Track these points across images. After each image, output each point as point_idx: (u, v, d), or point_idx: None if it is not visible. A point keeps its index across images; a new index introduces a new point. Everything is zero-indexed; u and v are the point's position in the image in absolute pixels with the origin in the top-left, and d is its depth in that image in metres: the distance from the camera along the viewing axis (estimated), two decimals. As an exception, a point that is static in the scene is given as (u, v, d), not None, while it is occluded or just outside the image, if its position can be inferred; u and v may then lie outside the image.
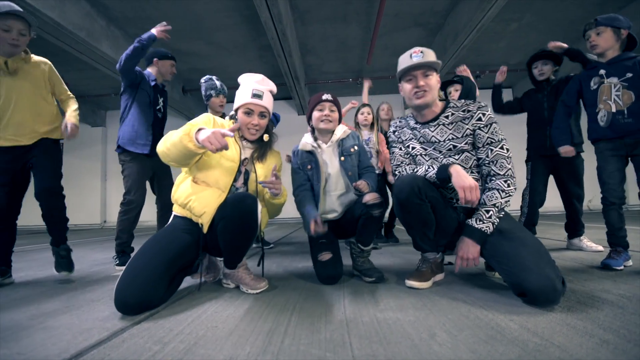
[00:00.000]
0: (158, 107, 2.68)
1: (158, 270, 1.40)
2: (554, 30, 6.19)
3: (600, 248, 2.48)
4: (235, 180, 1.71)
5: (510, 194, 1.53)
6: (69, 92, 2.20)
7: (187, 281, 1.85)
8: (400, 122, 1.84)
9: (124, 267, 2.34)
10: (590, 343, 0.93)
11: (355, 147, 2.02)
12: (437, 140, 1.66)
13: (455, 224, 1.64)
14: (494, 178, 1.55)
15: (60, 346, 1.03)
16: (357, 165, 2.02)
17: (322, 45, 6.82)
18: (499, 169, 1.54)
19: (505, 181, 1.52)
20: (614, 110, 1.94)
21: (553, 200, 2.88)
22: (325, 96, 1.94)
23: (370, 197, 1.72)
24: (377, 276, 1.76)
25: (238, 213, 1.52)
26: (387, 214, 3.55)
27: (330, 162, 1.98)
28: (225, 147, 1.41)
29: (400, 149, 1.81)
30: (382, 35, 6.29)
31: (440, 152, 1.67)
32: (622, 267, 1.87)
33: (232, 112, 1.83)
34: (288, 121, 3.61)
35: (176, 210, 1.70)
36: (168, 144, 1.50)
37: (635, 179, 1.96)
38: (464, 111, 1.63)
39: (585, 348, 0.90)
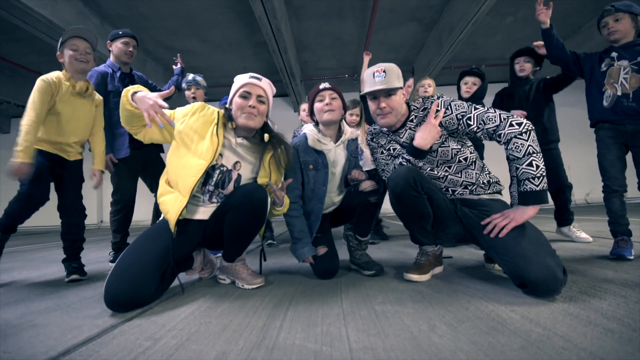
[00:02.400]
0: None
1: (148, 266, 1.36)
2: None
3: (590, 239, 2.48)
4: (206, 183, 1.58)
5: (528, 128, 1.40)
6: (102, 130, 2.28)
7: (181, 277, 1.82)
8: (374, 129, 1.84)
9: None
10: (595, 332, 0.90)
11: (357, 150, 1.97)
12: (408, 144, 1.64)
13: (453, 215, 1.62)
14: (499, 132, 1.45)
15: (48, 344, 0.99)
16: None
17: (317, 41, 6.78)
18: (493, 122, 1.46)
19: (511, 124, 1.42)
20: (619, 93, 1.92)
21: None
22: (322, 85, 1.83)
23: (366, 185, 1.72)
24: (376, 269, 1.73)
25: (248, 203, 1.48)
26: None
27: (337, 162, 1.89)
28: (161, 121, 1.43)
29: (382, 152, 1.80)
30: (378, 31, 6.25)
31: None
32: (632, 257, 1.82)
33: (226, 104, 1.69)
34: (284, 118, 3.57)
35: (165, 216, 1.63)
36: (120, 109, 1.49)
37: (635, 172, 1.95)
38: (423, 110, 1.64)
39: (590, 337, 0.88)
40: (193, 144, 1.52)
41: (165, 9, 5.45)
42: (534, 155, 1.37)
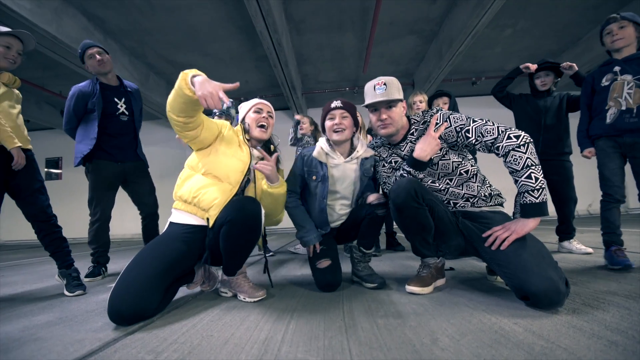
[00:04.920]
0: (119, 112, 2.58)
1: (153, 280, 1.37)
2: (548, 35, 6.23)
3: (590, 250, 2.48)
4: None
5: (526, 140, 1.41)
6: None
7: (183, 291, 1.82)
8: (375, 142, 1.91)
9: (90, 279, 2.37)
10: (598, 345, 0.90)
11: (372, 169, 1.90)
12: (409, 156, 1.67)
13: (454, 227, 1.62)
14: (497, 145, 1.46)
15: (50, 357, 0.99)
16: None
17: (318, 54, 6.85)
18: (491, 134, 1.48)
19: (509, 137, 1.43)
20: (623, 107, 1.94)
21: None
22: (334, 103, 1.83)
23: (373, 197, 1.75)
24: (379, 282, 1.72)
25: (242, 216, 1.50)
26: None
27: (344, 178, 1.87)
28: (217, 106, 1.43)
29: (384, 165, 1.84)
30: (378, 44, 6.33)
31: None
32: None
33: (240, 122, 1.89)
34: (285, 131, 3.59)
35: (178, 207, 1.66)
36: (171, 95, 1.48)
37: (635, 183, 1.96)
38: (423, 123, 1.69)
39: (593, 350, 0.87)
40: (231, 148, 1.72)
41: (168, 24, 5.54)
42: (533, 167, 1.38)
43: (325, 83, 8.27)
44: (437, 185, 1.66)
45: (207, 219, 1.59)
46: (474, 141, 1.54)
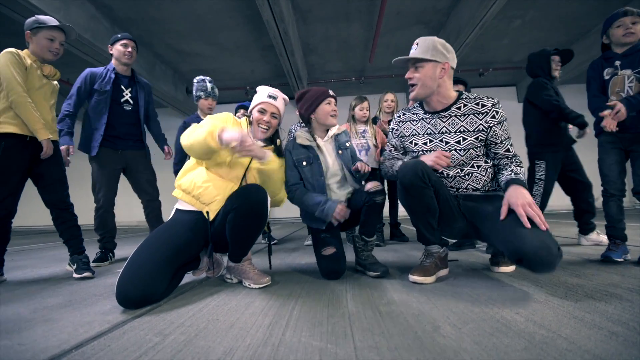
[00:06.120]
0: (124, 100, 2.64)
1: (159, 265, 1.40)
2: (557, 27, 6.14)
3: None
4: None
5: (520, 165, 1.62)
6: None
7: (189, 277, 1.85)
8: (404, 114, 1.86)
9: (98, 264, 2.43)
10: (599, 335, 0.91)
11: (348, 143, 2.06)
12: (447, 131, 1.67)
13: (457, 210, 1.65)
14: (506, 164, 1.63)
15: (61, 337, 1.02)
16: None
17: (324, 44, 6.81)
18: (511, 160, 1.64)
19: (517, 165, 1.61)
20: None
21: (561, 199, 2.86)
22: (331, 91, 1.98)
23: (371, 185, 1.77)
24: (381, 270, 1.74)
25: (248, 204, 1.54)
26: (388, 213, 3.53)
27: (329, 156, 1.99)
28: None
29: (394, 144, 1.86)
30: (384, 34, 6.28)
31: (447, 143, 1.67)
32: (622, 259, 1.88)
33: (248, 113, 1.92)
34: (291, 121, 3.58)
35: (179, 196, 1.70)
36: (192, 140, 1.55)
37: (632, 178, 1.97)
38: (477, 104, 1.65)
39: (594, 340, 0.88)
40: None
41: (175, 13, 5.53)
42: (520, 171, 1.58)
43: (331, 73, 8.24)
44: (448, 170, 1.68)
45: (207, 213, 1.62)
46: (498, 153, 1.65)
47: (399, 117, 1.87)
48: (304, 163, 1.93)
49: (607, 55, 2.05)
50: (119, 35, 2.66)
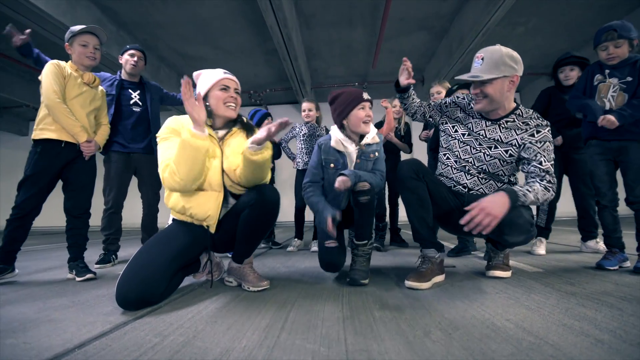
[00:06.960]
0: (132, 102, 2.72)
1: (158, 268, 1.43)
2: (561, 33, 6.15)
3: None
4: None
5: (551, 190, 1.61)
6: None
7: (189, 280, 1.88)
8: (462, 100, 1.89)
9: (101, 266, 2.47)
10: (585, 342, 0.93)
11: (376, 154, 1.94)
12: (484, 135, 1.76)
13: (457, 205, 1.77)
14: (534, 178, 1.65)
15: (65, 337, 1.06)
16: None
17: (327, 49, 6.86)
18: (540, 177, 1.64)
19: (545, 182, 1.62)
20: (606, 108, 1.99)
21: (566, 205, 2.91)
22: (366, 95, 1.86)
23: (360, 185, 1.74)
24: (352, 277, 1.71)
25: (262, 201, 1.58)
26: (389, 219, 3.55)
27: (351, 164, 1.93)
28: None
29: (435, 105, 1.95)
30: (388, 39, 6.31)
31: (480, 144, 1.76)
32: (616, 267, 1.92)
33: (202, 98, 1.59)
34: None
35: (176, 217, 1.68)
36: (179, 162, 1.45)
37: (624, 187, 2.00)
38: (524, 122, 1.69)
39: (580, 347, 0.90)
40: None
41: (179, 17, 5.59)
42: (535, 193, 1.58)
43: (334, 78, 8.28)
44: (471, 176, 1.80)
45: (207, 227, 1.64)
46: (525, 163, 1.69)
47: (457, 100, 1.89)
48: (332, 165, 1.90)
49: (601, 62, 2.10)
50: (128, 46, 2.77)
